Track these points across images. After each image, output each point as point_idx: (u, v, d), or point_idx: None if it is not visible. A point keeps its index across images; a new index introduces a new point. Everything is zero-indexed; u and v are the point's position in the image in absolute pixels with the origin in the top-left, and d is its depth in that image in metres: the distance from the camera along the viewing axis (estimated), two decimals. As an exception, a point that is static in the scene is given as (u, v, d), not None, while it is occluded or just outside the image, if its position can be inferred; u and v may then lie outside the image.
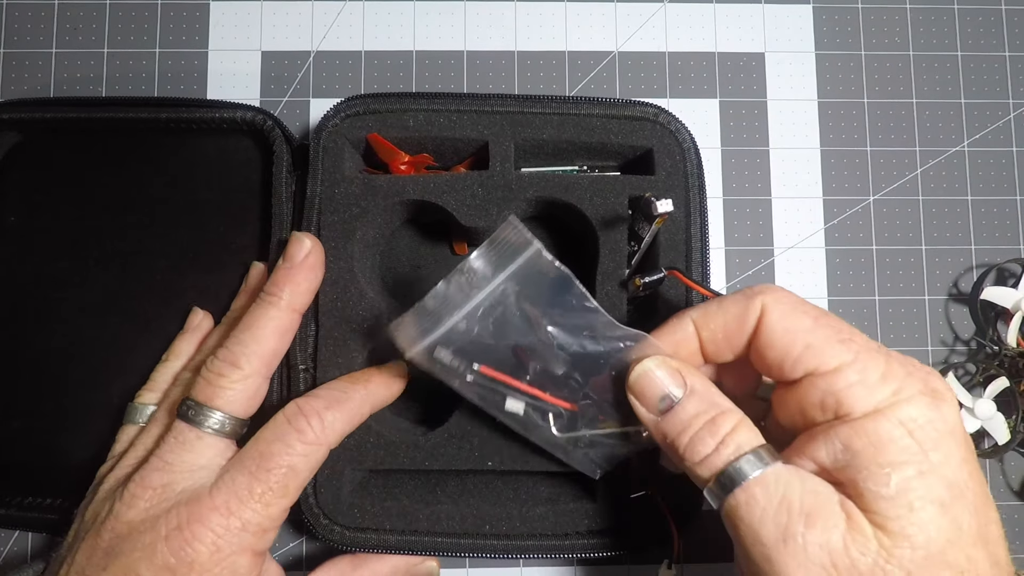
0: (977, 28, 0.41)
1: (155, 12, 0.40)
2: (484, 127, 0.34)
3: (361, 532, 0.32)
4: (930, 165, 0.41)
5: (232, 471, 0.28)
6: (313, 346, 0.33)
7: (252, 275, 0.35)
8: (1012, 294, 0.37)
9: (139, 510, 0.27)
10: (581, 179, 0.33)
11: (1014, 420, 0.37)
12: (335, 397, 0.29)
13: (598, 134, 0.34)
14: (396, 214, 0.35)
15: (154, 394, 0.33)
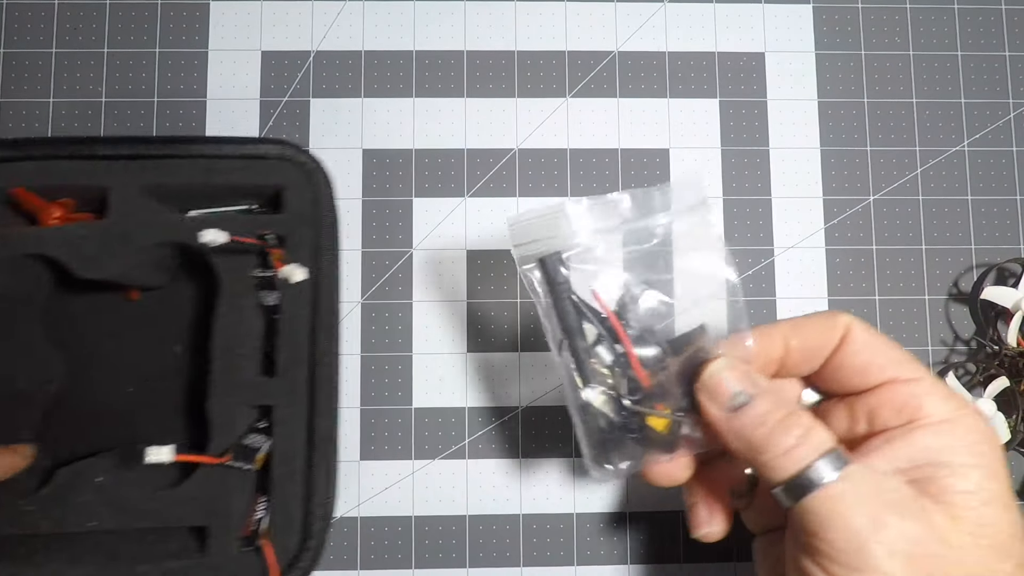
0: (977, 28, 0.41)
1: (155, 12, 0.40)
2: (104, 174, 0.33)
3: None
4: (930, 165, 0.41)
5: None
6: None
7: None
8: (1012, 294, 0.37)
9: None
10: (207, 220, 0.33)
11: (1014, 420, 0.37)
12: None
13: (231, 176, 0.34)
14: (33, 270, 0.33)
15: None
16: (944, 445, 0.25)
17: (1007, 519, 0.24)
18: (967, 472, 0.24)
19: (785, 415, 0.25)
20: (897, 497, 0.24)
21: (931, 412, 0.25)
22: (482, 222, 0.39)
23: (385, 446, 0.38)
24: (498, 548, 0.38)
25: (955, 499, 0.24)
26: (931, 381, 0.26)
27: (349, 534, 0.38)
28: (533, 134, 0.40)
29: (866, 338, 0.27)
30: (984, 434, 0.25)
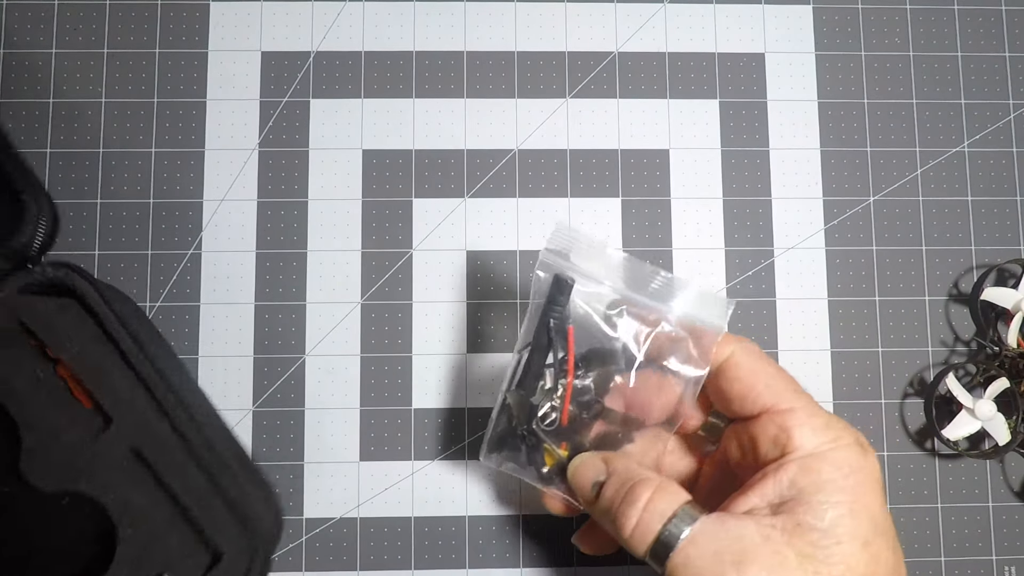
0: (977, 28, 0.41)
1: (155, 12, 0.40)
2: None
3: None
4: (930, 165, 0.41)
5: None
6: None
7: None
8: (1012, 294, 0.37)
9: None
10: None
11: (1014, 421, 0.37)
12: None
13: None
14: None
15: None
16: (808, 481, 0.25)
17: (864, 557, 0.24)
18: (823, 510, 0.24)
19: (627, 492, 0.27)
20: (742, 546, 0.24)
21: (800, 445, 0.26)
22: (482, 223, 0.39)
23: (385, 447, 0.38)
24: (498, 549, 0.38)
25: (808, 536, 0.24)
26: (806, 412, 0.26)
27: (349, 535, 0.38)
28: (533, 134, 0.40)
29: (748, 364, 0.28)
30: (852, 469, 0.25)
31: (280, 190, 0.39)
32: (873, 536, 0.25)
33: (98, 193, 0.39)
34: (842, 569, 0.24)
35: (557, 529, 0.38)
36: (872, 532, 0.25)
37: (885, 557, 0.25)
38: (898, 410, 0.39)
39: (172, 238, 0.39)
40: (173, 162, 0.39)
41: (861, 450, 0.26)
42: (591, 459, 0.29)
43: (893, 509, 0.38)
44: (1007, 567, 0.38)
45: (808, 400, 0.27)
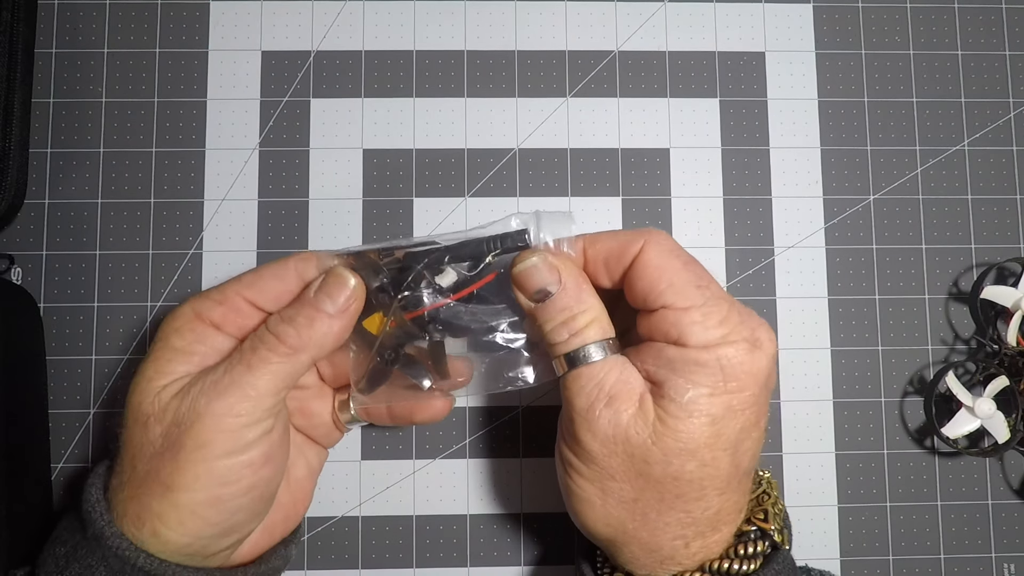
0: (977, 28, 0.41)
1: (155, 12, 0.40)
2: None
3: None
4: (930, 165, 0.41)
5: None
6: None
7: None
8: (1012, 293, 0.37)
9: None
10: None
11: (1014, 419, 0.37)
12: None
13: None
14: None
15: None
16: (681, 364, 0.28)
17: (707, 431, 0.28)
18: (685, 389, 0.28)
19: (575, 313, 0.30)
20: (620, 390, 0.28)
21: (688, 340, 0.28)
22: (482, 222, 0.39)
23: (386, 446, 0.38)
24: (499, 547, 0.38)
25: (667, 407, 0.28)
26: (702, 310, 0.28)
27: (350, 534, 0.38)
28: (533, 134, 0.40)
29: (656, 260, 0.29)
30: (730, 362, 0.28)
31: (281, 190, 0.39)
32: (723, 415, 0.28)
33: (98, 193, 0.39)
34: (684, 438, 0.28)
35: (558, 528, 0.38)
36: (723, 412, 0.28)
37: (727, 433, 0.28)
38: (898, 408, 0.39)
39: (173, 238, 0.39)
40: (173, 162, 0.39)
41: (748, 347, 0.28)
42: (545, 264, 0.30)
43: (893, 507, 0.39)
44: (1006, 564, 0.38)
45: (710, 296, 0.29)
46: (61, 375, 0.38)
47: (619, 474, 0.28)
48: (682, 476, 0.28)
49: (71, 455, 0.38)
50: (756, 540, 0.30)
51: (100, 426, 0.38)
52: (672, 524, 0.29)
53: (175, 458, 0.28)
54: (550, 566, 0.38)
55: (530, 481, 0.38)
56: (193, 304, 0.31)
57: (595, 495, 0.29)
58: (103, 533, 0.28)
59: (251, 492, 0.29)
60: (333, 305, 0.30)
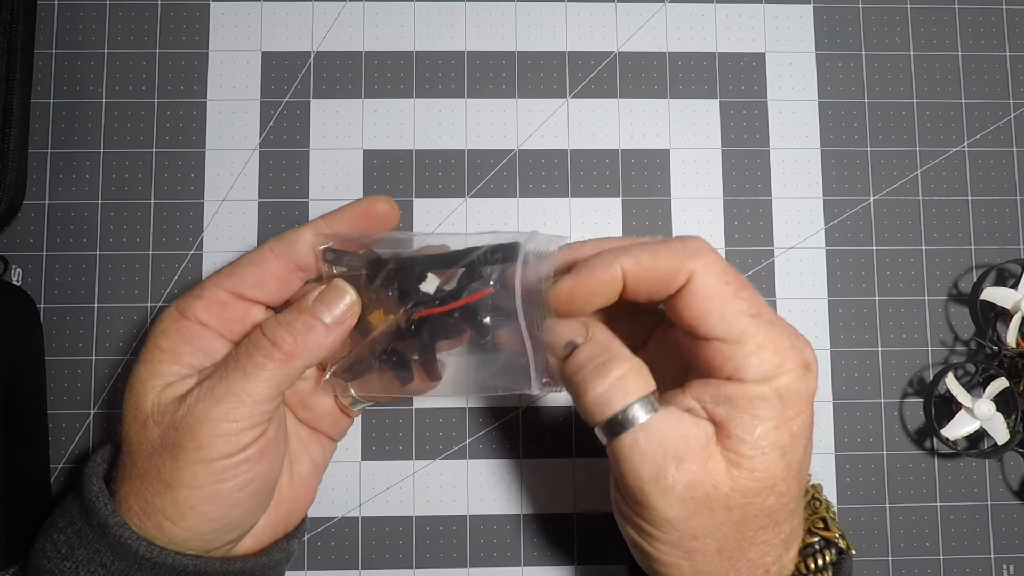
0: (977, 28, 0.41)
1: (155, 12, 0.40)
2: None
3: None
4: (930, 165, 0.41)
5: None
6: None
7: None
8: (1012, 294, 0.37)
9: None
10: None
11: (1013, 420, 0.37)
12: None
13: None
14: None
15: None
16: (743, 401, 0.27)
17: (781, 464, 0.27)
18: (753, 426, 0.27)
19: (604, 361, 0.28)
20: (684, 447, 0.27)
21: (745, 375, 0.27)
22: (482, 223, 0.39)
23: (386, 446, 0.38)
24: (498, 548, 0.38)
25: (738, 448, 0.27)
26: (756, 342, 0.27)
27: (350, 534, 0.38)
28: (533, 134, 0.40)
29: (706, 291, 0.28)
30: (788, 391, 0.27)
31: (281, 190, 0.39)
32: (789, 445, 0.27)
33: (98, 193, 0.39)
34: (761, 475, 0.27)
35: (558, 528, 0.38)
36: (790, 441, 0.27)
37: (796, 461, 0.28)
38: (897, 409, 0.39)
39: (173, 238, 0.39)
40: (173, 162, 0.39)
41: (802, 372, 0.27)
42: (571, 320, 0.30)
43: (893, 507, 0.39)
44: (1005, 565, 0.38)
45: (762, 324, 0.27)
46: (61, 375, 0.38)
47: (702, 531, 0.27)
48: (762, 512, 0.27)
49: (71, 455, 0.38)
50: (822, 551, 0.29)
51: (100, 426, 0.38)
52: (754, 558, 0.28)
53: (174, 458, 0.29)
54: (550, 567, 0.38)
55: (530, 482, 0.38)
56: (176, 303, 0.32)
57: (681, 558, 0.28)
58: (107, 522, 0.29)
59: (248, 487, 0.30)
60: (330, 315, 0.30)
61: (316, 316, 0.30)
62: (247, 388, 0.29)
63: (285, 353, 0.29)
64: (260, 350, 0.29)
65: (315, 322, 0.30)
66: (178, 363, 0.30)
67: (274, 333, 0.30)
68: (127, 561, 0.29)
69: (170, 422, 0.29)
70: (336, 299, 0.30)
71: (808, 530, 0.30)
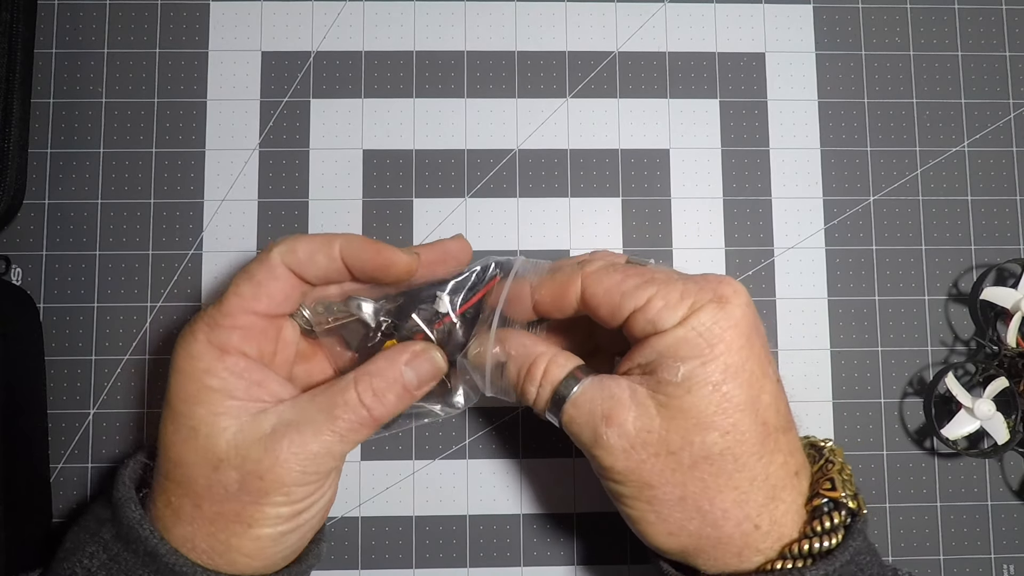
0: (977, 28, 0.41)
1: (155, 12, 0.40)
2: None
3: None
4: (930, 165, 0.41)
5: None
6: None
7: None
8: (1012, 294, 0.37)
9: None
10: None
11: (1013, 420, 0.37)
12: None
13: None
14: None
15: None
16: (663, 346, 0.28)
17: (713, 398, 0.28)
18: (674, 367, 0.28)
19: (526, 371, 0.31)
20: (611, 405, 0.29)
21: (663, 325, 0.28)
22: (482, 223, 0.39)
23: (386, 446, 0.38)
24: (498, 548, 0.38)
25: (665, 389, 0.28)
26: (660, 296, 0.29)
27: (350, 534, 0.38)
28: (533, 134, 0.40)
29: (599, 286, 0.30)
30: (705, 326, 0.28)
31: (280, 190, 0.39)
32: (723, 378, 0.28)
33: (98, 193, 0.39)
34: (693, 412, 0.28)
35: (558, 528, 0.38)
36: (722, 375, 0.28)
37: (736, 395, 0.28)
38: (897, 409, 0.39)
39: (173, 238, 0.39)
40: (173, 162, 0.39)
41: (716, 305, 0.28)
42: (491, 341, 0.32)
43: (893, 507, 0.39)
44: (1006, 565, 0.38)
45: (661, 281, 0.29)
46: (61, 375, 0.38)
47: (654, 478, 0.28)
48: (711, 452, 0.28)
49: (71, 455, 0.38)
50: (830, 512, 0.29)
51: (99, 426, 0.38)
52: (729, 508, 0.28)
53: (258, 503, 0.29)
54: (550, 567, 0.38)
55: (529, 482, 0.38)
56: (209, 337, 0.30)
57: (647, 510, 0.29)
58: (157, 551, 0.29)
59: (318, 515, 0.31)
60: (417, 384, 0.31)
61: (409, 390, 0.31)
62: (340, 450, 0.30)
63: (377, 420, 0.30)
64: (356, 415, 0.30)
65: (407, 394, 0.31)
66: (235, 398, 0.30)
67: (371, 403, 0.30)
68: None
69: (254, 469, 0.29)
70: (427, 366, 0.32)
71: (816, 493, 0.29)
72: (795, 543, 0.28)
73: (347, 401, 0.30)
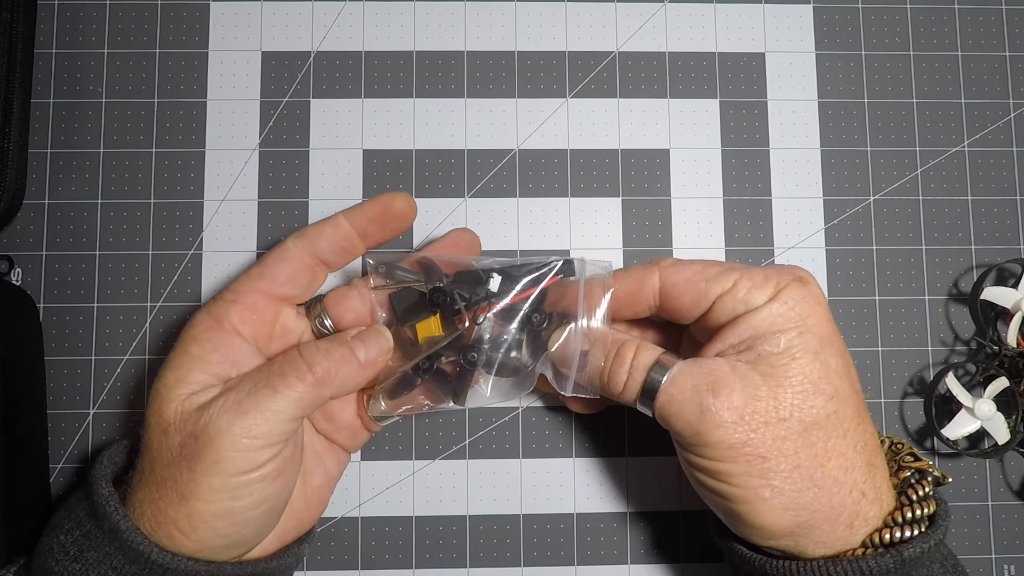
0: (977, 28, 0.41)
1: (155, 12, 0.40)
2: None
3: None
4: (930, 165, 0.41)
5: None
6: None
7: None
8: (1012, 294, 0.37)
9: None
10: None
11: (1014, 420, 0.37)
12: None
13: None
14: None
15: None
16: (759, 321, 0.29)
17: (816, 366, 0.29)
18: (777, 338, 0.29)
19: (615, 355, 0.31)
20: (715, 378, 0.29)
21: (754, 303, 0.30)
22: (482, 222, 0.39)
23: (386, 446, 0.38)
24: (498, 548, 0.38)
25: (768, 360, 0.29)
26: (746, 279, 0.30)
27: (350, 534, 0.38)
28: (533, 134, 0.40)
29: (679, 276, 0.31)
30: (795, 301, 0.29)
31: (280, 190, 0.39)
32: (820, 347, 0.29)
33: (98, 193, 0.39)
34: (799, 378, 0.29)
35: (558, 528, 0.38)
36: (819, 344, 0.29)
37: (834, 363, 0.29)
38: (898, 409, 0.39)
39: (173, 238, 0.39)
40: (173, 162, 0.39)
41: (801, 283, 0.30)
42: (571, 333, 0.32)
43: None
44: (1006, 566, 0.38)
45: (741, 268, 0.31)
46: (61, 375, 0.38)
47: (767, 449, 0.28)
48: (819, 417, 0.28)
49: (70, 455, 0.38)
50: (919, 482, 0.30)
51: (99, 426, 0.38)
52: (839, 476, 0.28)
53: (191, 469, 0.28)
54: (550, 567, 0.38)
55: (529, 482, 0.38)
56: (210, 308, 0.32)
57: (760, 486, 0.28)
58: (119, 526, 0.29)
59: (262, 505, 0.30)
60: (365, 354, 0.31)
61: (354, 352, 0.31)
62: (273, 406, 0.29)
63: (318, 378, 0.30)
64: (294, 370, 0.30)
65: (352, 356, 0.31)
66: (206, 372, 0.30)
67: (312, 356, 0.30)
68: (138, 565, 0.29)
69: (191, 431, 0.29)
70: (374, 340, 0.32)
71: (899, 467, 0.31)
72: (896, 511, 0.29)
73: (287, 358, 0.30)
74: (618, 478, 0.38)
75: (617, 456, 0.38)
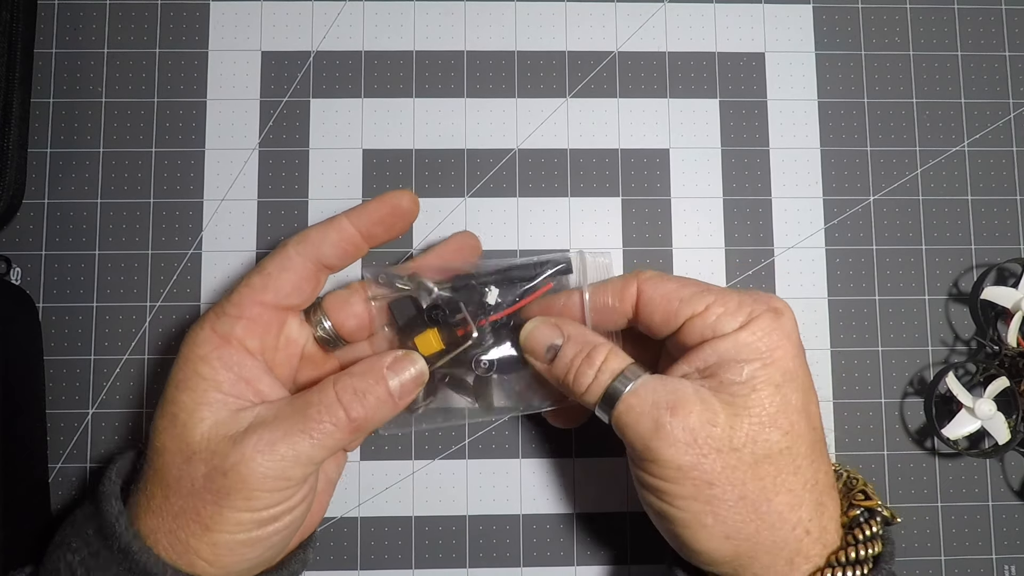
0: (977, 28, 0.41)
1: (155, 12, 0.40)
2: None
3: None
4: (930, 165, 0.41)
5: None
6: None
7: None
8: (1012, 294, 0.37)
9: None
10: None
11: (1014, 420, 0.37)
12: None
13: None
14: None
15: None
16: (724, 348, 0.29)
17: (776, 399, 0.28)
18: (740, 368, 0.29)
19: (589, 351, 0.31)
20: (675, 398, 0.29)
21: (723, 330, 0.29)
22: (482, 222, 0.39)
23: (385, 446, 0.38)
24: (498, 548, 0.38)
25: (729, 388, 0.29)
26: (719, 304, 0.30)
27: (349, 534, 0.38)
28: (533, 134, 0.40)
29: (656, 291, 0.31)
30: (764, 332, 0.29)
31: (280, 190, 0.39)
32: (783, 381, 0.29)
33: (98, 193, 0.39)
34: (757, 410, 0.28)
35: (558, 528, 0.38)
36: (782, 378, 0.29)
37: (794, 398, 0.29)
38: (898, 409, 0.39)
39: (172, 238, 0.39)
40: (173, 162, 0.39)
41: (774, 315, 0.30)
42: (544, 324, 0.32)
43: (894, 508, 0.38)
44: (1007, 566, 0.38)
45: (717, 291, 0.30)
46: (60, 375, 0.38)
47: (715, 476, 0.28)
48: (772, 451, 0.28)
49: (69, 455, 0.37)
50: (868, 521, 0.30)
51: (98, 426, 0.38)
52: (785, 512, 0.28)
53: (218, 504, 0.28)
54: (550, 567, 0.38)
55: (529, 482, 0.38)
56: (213, 325, 0.31)
57: (703, 512, 0.28)
58: (130, 547, 0.28)
59: (286, 530, 0.30)
60: (400, 388, 0.30)
61: (392, 395, 0.30)
62: (309, 452, 0.29)
63: (356, 425, 0.29)
64: (331, 416, 0.29)
65: (389, 399, 0.30)
66: (220, 391, 0.30)
67: (349, 402, 0.29)
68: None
69: (219, 464, 0.28)
70: (408, 371, 0.31)
71: (850, 504, 0.30)
72: (840, 551, 0.29)
73: (323, 400, 0.29)
74: (618, 478, 0.38)
75: (617, 456, 0.38)
